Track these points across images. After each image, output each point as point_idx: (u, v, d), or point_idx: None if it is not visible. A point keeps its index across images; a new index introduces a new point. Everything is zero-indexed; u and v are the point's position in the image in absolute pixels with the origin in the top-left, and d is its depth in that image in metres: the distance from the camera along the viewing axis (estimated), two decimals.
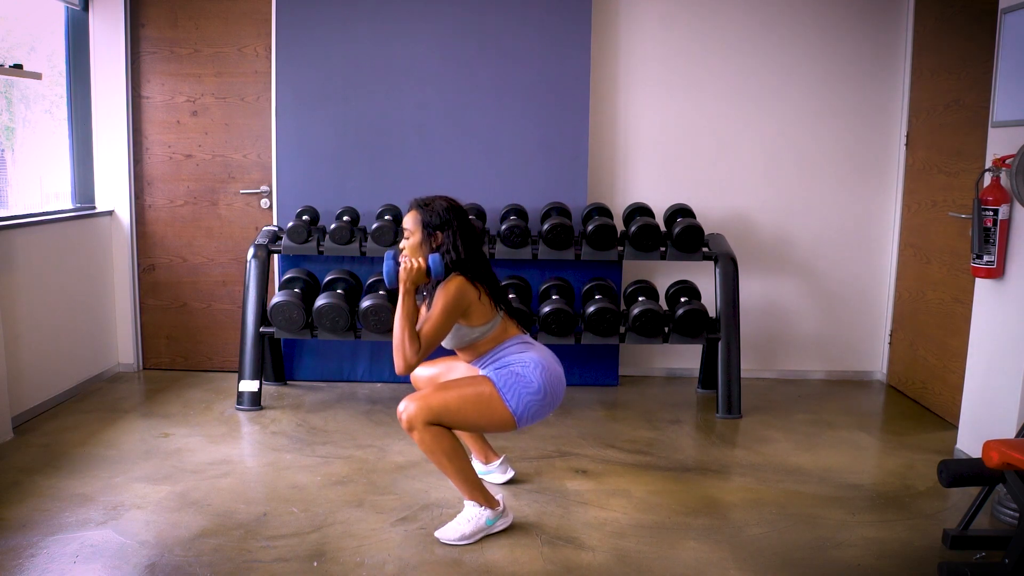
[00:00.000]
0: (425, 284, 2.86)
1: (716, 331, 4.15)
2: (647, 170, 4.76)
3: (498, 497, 2.89)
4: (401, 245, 2.86)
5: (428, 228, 2.80)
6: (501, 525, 2.86)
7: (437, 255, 2.76)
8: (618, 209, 4.68)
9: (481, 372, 2.89)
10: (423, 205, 2.84)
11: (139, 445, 3.65)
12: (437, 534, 2.81)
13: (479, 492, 2.83)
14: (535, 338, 4.04)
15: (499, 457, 3.29)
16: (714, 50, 4.68)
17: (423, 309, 2.89)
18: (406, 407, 2.71)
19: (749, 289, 4.71)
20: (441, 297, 2.73)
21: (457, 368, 3.04)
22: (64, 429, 3.83)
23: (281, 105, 4.54)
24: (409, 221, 2.84)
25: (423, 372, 3.11)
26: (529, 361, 2.81)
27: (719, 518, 3.02)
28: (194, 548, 2.71)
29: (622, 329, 4.08)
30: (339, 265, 4.47)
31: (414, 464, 3.48)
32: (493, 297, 2.85)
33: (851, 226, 4.80)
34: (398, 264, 2.78)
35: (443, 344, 2.86)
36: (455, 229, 2.80)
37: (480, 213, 4.36)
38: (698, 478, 3.40)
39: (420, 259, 2.77)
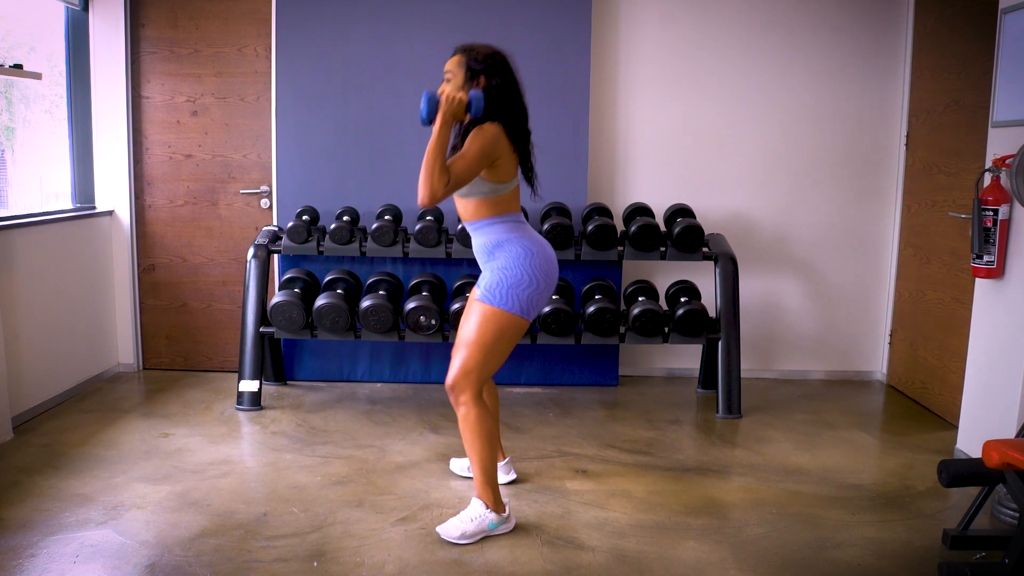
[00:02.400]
0: (458, 126, 2.79)
1: (716, 331, 4.15)
2: (647, 170, 4.76)
3: (505, 502, 2.89)
4: (441, 88, 2.77)
5: (471, 72, 2.73)
6: (503, 530, 2.86)
7: (480, 92, 2.67)
8: (618, 209, 4.69)
9: (474, 236, 2.86)
10: (467, 48, 2.77)
11: (139, 445, 3.65)
12: (438, 529, 2.81)
13: (491, 492, 2.83)
14: (534, 340, 4.06)
15: (505, 457, 3.29)
16: (714, 50, 4.68)
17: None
18: (450, 380, 2.77)
19: (749, 289, 4.71)
20: (478, 138, 2.67)
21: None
22: (64, 429, 3.83)
23: (281, 105, 4.54)
24: (451, 64, 2.77)
25: None
26: (515, 254, 2.77)
27: (719, 518, 3.02)
28: (194, 548, 2.71)
29: (622, 329, 4.08)
30: (339, 265, 4.47)
31: (414, 464, 3.48)
32: (521, 159, 2.81)
33: (851, 226, 4.80)
34: (437, 98, 2.67)
35: (455, 193, 2.81)
36: (501, 76, 2.74)
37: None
38: (698, 478, 3.39)
39: (463, 93, 2.68)
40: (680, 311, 4.04)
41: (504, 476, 3.26)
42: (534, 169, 2.92)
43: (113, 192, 4.69)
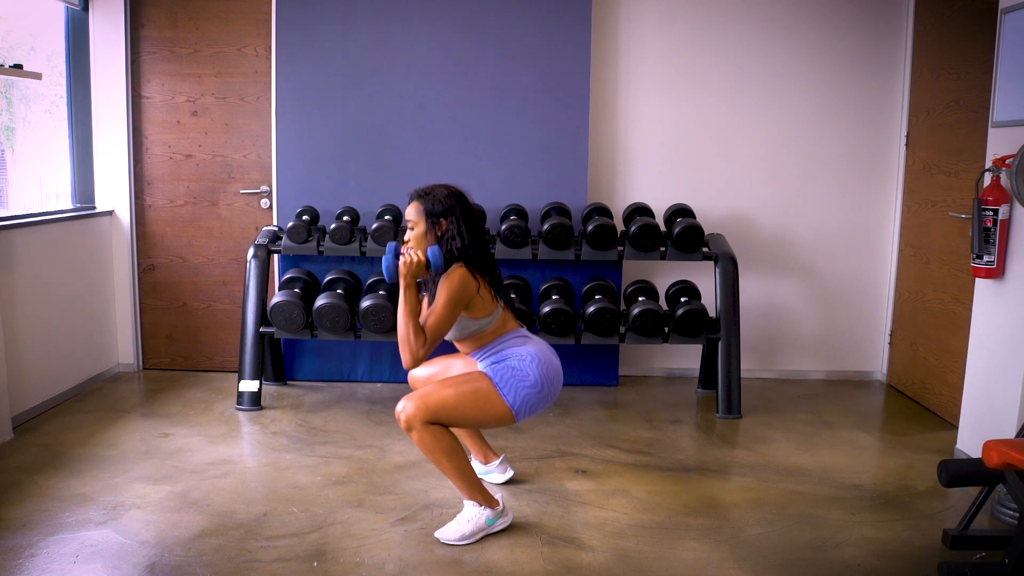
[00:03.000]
0: (426, 276, 2.85)
1: (716, 331, 4.15)
2: (647, 170, 4.76)
3: (497, 497, 2.89)
4: (406, 237, 2.84)
5: (431, 217, 2.79)
6: (501, 525, 2.86)
7: (436, 247, 2.74)
8: (618, 209, 4.69)
9: (479, 365, 2.90)
10: (424, 194, 2.83)
11: (139, 445, 3.65)
12: (437, 534, 2.81)
13: (478, 492, 2.83)
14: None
15: (498, 457, 3.29)
16: (714, 50, 4.68)
17: (424, 303, 2.89)
18: (404, 407, 2.71)
19: (749, 289, 4.71)
20: (444, 289, 2.72)
21: (454, 366, 3.04)
22: (64, 429, 3.83)
23: (281, 105, 4.54)
24: (411, 212, 2.82)
25: (421, 372, 3.11)
26: (526, 355, 2.81)
27: (719, 518, 3.02)
28: (194, 548, 2.71)
29: (622, 329, 4.08)
30: (339, 265, 4.47)
31: (414, 464, 3.48)
32: (494, 288, 2.84)
33: (851, 226, 4.80)
34: (398, 258, 2.75)
35: (447, 338, 2.86)
36: (458, 215, 2.79)
37: (480, 213, 4.36)
38: (698, 478, 3.40)
39: (419, 252, 2.75)
40: (680, 311, 4.04)
41: (501, 475, 3.26)
42: (508, 293, 2.98)
43: (113, 192, 4.69)
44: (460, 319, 2.80)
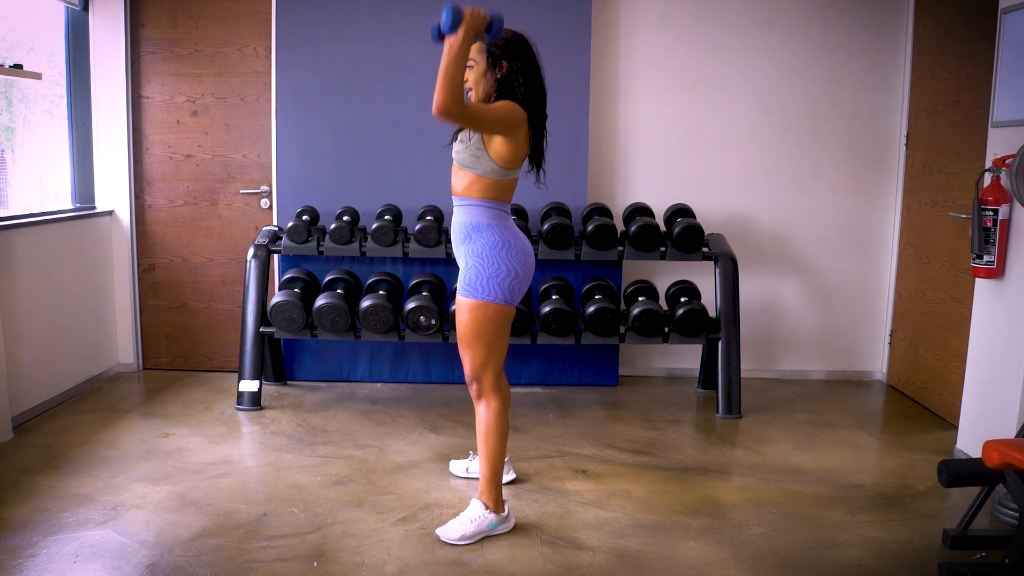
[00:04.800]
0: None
1: (716, 331, 4.15)
2: (647, 170, 4.76)
3: (505, 503, 2.89)
4: (465, 76, 2.74)
5: (493, 57, 2.73)
6: (503, 530, 2.86)
7: (500, 15, 2.61)
8: (618, 209, 4.69)
9: (457, 212, 2.85)
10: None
11: (139, 445, 3.65)
12: (438, 531, 2.81)
13: (495, 490, 2.84)
14: (534, 340, 4.06)
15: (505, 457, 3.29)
16: (714, 50, 4.68)
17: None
18: (470, 377, 2.83)
19: (749, 289, 4.71)
20: (507, 106, 2.67)
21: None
22: (64, 429, 3.83)
23: (281, 105, 4.54)
24: (473, 50, 2.75)
25: None
26: (492, 242, 2.77)
27: (719, 518, 3.02)
28: (194, 548, 2.71)
29: (622, 329, 4.08)
30: (339, 265, 4.47)
31: (414, 464, 3.48)
32: (534, 141, 2.81)
33: (851, 226, 4.80)
34: (461, 10, 2.54)
35: (455, 158, 2.80)
36: (522, 63, 2.74)
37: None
38: (698, 478, 3.40)
39: (485, 11, 2.60)
40: (680, 311, 4.04)
41: (504, 476, 3.26)
42: (544, 154, 2.91)
43: (113, 192, 4.69)
44: (482, 155, 2.73)
